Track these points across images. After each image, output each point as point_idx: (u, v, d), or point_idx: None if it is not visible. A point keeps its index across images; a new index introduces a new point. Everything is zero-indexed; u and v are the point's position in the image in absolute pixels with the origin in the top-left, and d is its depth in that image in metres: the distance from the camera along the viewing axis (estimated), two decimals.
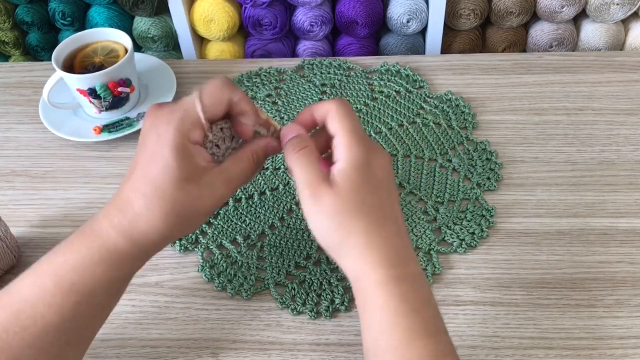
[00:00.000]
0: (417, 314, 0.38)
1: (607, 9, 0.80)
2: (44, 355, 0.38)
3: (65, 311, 0.38)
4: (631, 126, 0.68)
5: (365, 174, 0.40)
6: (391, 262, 0.39)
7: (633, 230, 0.58)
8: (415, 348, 0.37)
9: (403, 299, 0.38)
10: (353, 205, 0.39)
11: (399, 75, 0.75)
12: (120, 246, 0.39)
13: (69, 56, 0.70)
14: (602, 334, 0.50)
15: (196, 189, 0.40)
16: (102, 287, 0.40)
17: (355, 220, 0.39)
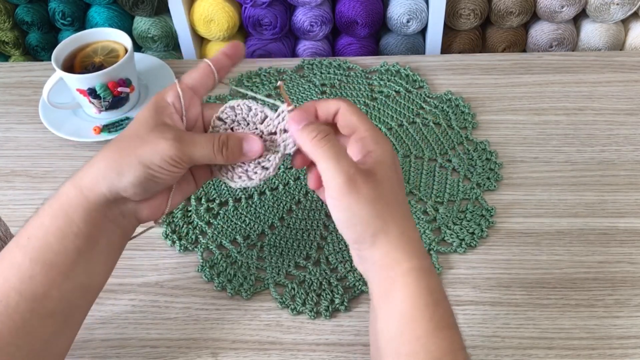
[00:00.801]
0: (440, 306, 0.39)
1: (607, 9, 0.80)
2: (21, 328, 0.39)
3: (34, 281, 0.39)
4: (631, 126, 0.68)
5: (396, 168, 0.41)
6: (421, 253, 0.40)
7: (633, 230, 0.58)
8: (437, 339, 0.38)
9: (430, 291, 0.39)
10: (391, 195, 0.40)
11: (399, 75, 0.75)
12: (67, 193, 0.41)
13: (69, 56, 0.70)
14: (602, 334, 0.50)
15: (144, 134, 0.41)
16: (54, 239, 0.40)
17: (394, 210, 0.40)
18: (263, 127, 0.44)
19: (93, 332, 0.52)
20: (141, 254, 0.58)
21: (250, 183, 0.44)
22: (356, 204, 0.39)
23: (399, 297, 0.39)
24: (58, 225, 0.40)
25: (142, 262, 0.57)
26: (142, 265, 0.57)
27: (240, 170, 0.45)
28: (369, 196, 0.39)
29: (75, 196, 0.41)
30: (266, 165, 0.44)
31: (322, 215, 0.60)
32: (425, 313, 0.38)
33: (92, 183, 0.40)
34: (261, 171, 0.44)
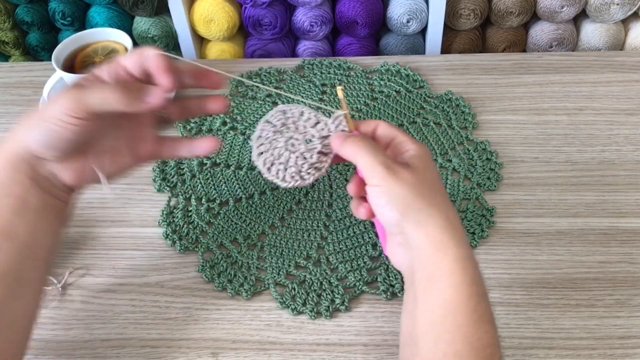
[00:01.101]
0: (483, 299, 0.40)
1: (607, 9, 0.80)
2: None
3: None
4: (631, 126, 0.68)
5: (433, 164, 0.45)
6: (466, 242, 0.41)
7: (633, 230, 0.58)
8: (478, 331, 0.38)
9: (475, 282, 0.40)
10: (431, 182, 0.42)
11: (399, 75, 0.75)
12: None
13: (69, 56, 0.70)
14: (602, 333, 0.50)
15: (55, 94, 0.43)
16: None
17: (436, 195, 0.42)
18: (315, 131, 0.47)
19: (93, 332, 0.52)
20: (141, 254, 0.58)
21: (302, 183, 0.47)
22: (398, 186, 0.41)
23: (445, 284, 0.39)
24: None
25: (143, 262, 0.57)
26: (142, 265, 0.57)
27: (293, 170, 0.47)
28: (410, 180, 0.41)
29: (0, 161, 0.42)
30: (319, 167, 0.47)
31: (322, 215, 0.60)
32: (470, 303, 0.39)
33: (10, 146, 0.43)
34: (315, 172, 0.47)
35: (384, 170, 0.41)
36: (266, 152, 0.48)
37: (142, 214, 0.62)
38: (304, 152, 0.47)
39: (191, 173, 0.65)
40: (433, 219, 0.41)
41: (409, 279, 0.42)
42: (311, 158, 0.47)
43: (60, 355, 0.51)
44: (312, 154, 0.47)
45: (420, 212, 0.41)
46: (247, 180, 0.64)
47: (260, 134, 0.48)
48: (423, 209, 0.41)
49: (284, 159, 0.47)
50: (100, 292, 0.55)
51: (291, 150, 0.47)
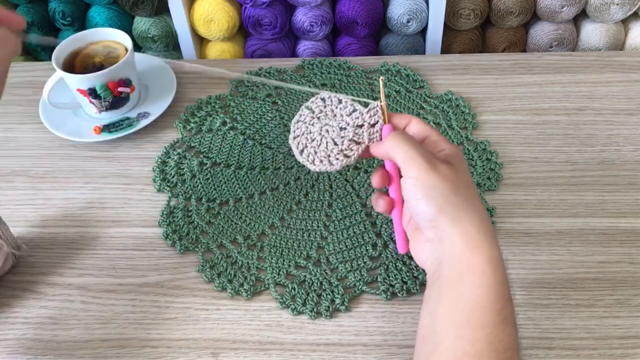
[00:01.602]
0: (509, 302, 0.40)
1: (607, 9, 0.80)
2: None
3: None
4: (631, 126, 0.68)
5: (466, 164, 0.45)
6: (497, 243, 0.41)
7: (633, 230, 0.58)
8: (502, 333, 0.38)
9: (503, 284, 0.40)
10: (468, 182, 0.43)
11: (399, 76, 0.75)
12: None
13: (69, 56, 0.70)
14: (602, 334, 0.50)
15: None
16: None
17: (473, 195, 0.42)
18: (350, 119, 0.48)
19: (93, 332, 0.52)
20: (141, 254, 0.58)
21: (330, 168, 0.48)
22: (438, 180, 0.41)
23: (475, 283, 0.39)
24: None
25: (143, 262, 0.57)
26: (142, 265, 0.57)
27: (323, 154, 0.48)
28: (449, 176, 0.42)
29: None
30: (348, 154, 0.48)
31: (322, 215, 0.60)
32: (497, 305, 0.39)
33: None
34: (343, 158, 0.48)
35: (424, 163, 0.42)
36: (301, 136, 0.49)
37: (142, 214, 0.62)
38: (335, 138, 0.48)
39: (191, 173, 0.65)
40: (469, 216, 0.41)
41: (434, 274, 0.42)
42: (342, 144, 0.48)
43: (60, 355, 0.51)
44: (343, 141, 0.48)
45: (457, 208, 0.41)
46: (247, 180, 0.64)
47: (299, 118, 0.50)
48: (460, 205, 0.41)
49: (316, 143, 0.49)
50: (100, 292, 0.55)
51: (324, 136, 0.49)
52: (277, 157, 0.66)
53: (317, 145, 0.49)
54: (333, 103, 0.49)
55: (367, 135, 0.48)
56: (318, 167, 0.48)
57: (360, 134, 0.48)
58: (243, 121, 0.71)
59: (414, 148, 0.43)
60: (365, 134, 0.48)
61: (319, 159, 0.48)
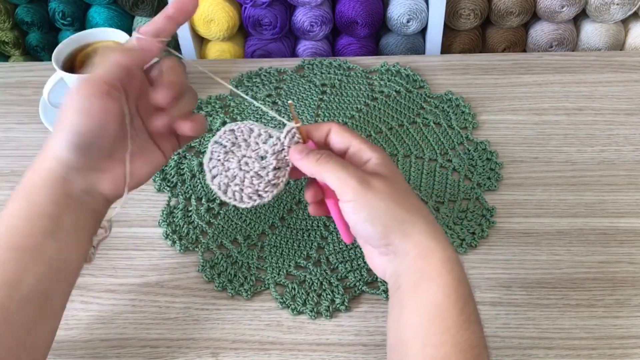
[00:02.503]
0: (470, 300, 0.40)
1: (607, 9, 0.80)
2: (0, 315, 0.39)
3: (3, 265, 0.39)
4: (631, 126, 0.68)
5: (397, 168, 0.44)
6: (448, 243, 0.41)
7: (633, 230, 0.58)
8: (466, 331, 0.38)
9: (461, 283, 0.40)
10: (405, 189, 0.42)
11: (399, 75, 0.75)
12: (28, 178, 0.41)
13: (69, 56, 0.70)
14: (602, 334, 0.50)
15: None
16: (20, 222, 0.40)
17: (413, 202, 0.41)
18: (268, 146, 0.46)
19: (93, 332, 0.52)
20: (141, 254, 0.58)
21: (261, 201, 0.46)
22: (376, 199, 0.40)
23: (433, 287, 0.39)
24: (22, 209, 0.41)
25: (143, 262, 0.57)
26: (142, 265, 0.57)
27: (250, 190, 0.46)
28: (385, 191, 0.41)
29: (34, 178, 0.41)
30: (276, 183, 0.46)
31: None
32: (457, 304, 0.39)
33: (43, 161, 0.41)
34: (272, 189, 0.46)
35: (357, 185, 0.41)
36: (220, 175, 0.46)
37: (142, 214, 0.62)
38: (258, 171, 0.46)
39: (191, 173, 0.65)
40: (417, 226, 0.41)
41: (394, 285, 0.42)
42: (267, 175, 0.46)
43: (60, 355, 0.51)
44: (267, 171, 0.45)
45: (404, 222, 0.41)
46: None
47: (211, 156, 0.47)
48: (406, 218, 0.41)
49: (239, 180, 0.46)
50: (100, 292, 0.55)
51: (245, 170, 0.46)
52: None
53: (240, 182, 0.46)
54: (244, 133, 0.46)
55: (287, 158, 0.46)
56: (249, 204, 0.46)
57: (282, 159, 0.46)
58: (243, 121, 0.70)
59: (343, 169, 0.41)
60: (286, 157, 0.46)
61: (247, 196, 0.46)
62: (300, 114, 0.72)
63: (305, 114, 0.72)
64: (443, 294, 0.39)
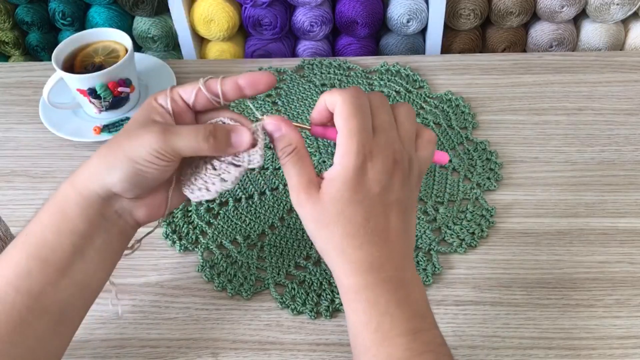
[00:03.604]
0: (387, 315, 0.39)
1: (607, 9, 0.80)
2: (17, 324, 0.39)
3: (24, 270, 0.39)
4: (631, 126, 0.68)
5: (352, 186, 0.39)
6: (363, 269, 0.39)
7: (633, 230, 0.58)
8: (386, 347, 0.38)
9: (373, 304, 0.39)
10: (331, 215, 0.40)
11: (399, 75, 0.75)
12: (63, 191, 0.41)
13: (69, 56, 0.70)
14: (602, 334, 0.50)
15: (134, 128, 0.41)
16: (51, 235, 0.40)
17: (333, 229, 0.40)
18: None
19: (93, 332, 0.52)
20: (141, 254, 0.58)
21: (208, 195, 0.44)
22: (304, 220, 0.41)
23: (347, 312, 0.40)
24: (54, 222, 0.40)
25: (142, 262, 0.57)
26: (142, 265, 0.57)
27: (201, 182, 0.44)
28: (310, 215, 0.40)
29: (70, 194, 0.41)
30: (225, 177, 0.43)
31: None
32: (368, 326, 0.39)
33: (85, 180, 0.41)
34: (219, 183, 0.43)
35: (295, 200, 0.41)
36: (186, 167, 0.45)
37: None
38: (214, 163, 0.44)
39: None
40: (328, 253, 0.41)
41: None
42: (220, 168, 0.43)
43: None
44: (221, 164, 0.44)
45: (319, 246, 0.41)
46: (247, 180, 0.64)
47: None
48: (323, 245, 0.41)
49: (198, 170, 0.44)
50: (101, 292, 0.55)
51: (206, 161, 0.44)
52: (276, 157, 0.66)
53: (197, 173, 0.44)
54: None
55: (247, 156, 0.43)
56: (197, 196, 0.44)
57: (240, 156, 0.43)
58: None
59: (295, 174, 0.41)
60: (245, 154, 0.43)
61: (197, 187, 0.44)
62: (300, 114, 0.72)
63: (305, 114, 0.72)
64: (356, 318, 0.39)
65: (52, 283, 0.40)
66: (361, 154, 0.39)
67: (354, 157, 0.39)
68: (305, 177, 0.41)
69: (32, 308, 0.39)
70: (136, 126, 0.41)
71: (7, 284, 0.39)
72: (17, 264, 0.39)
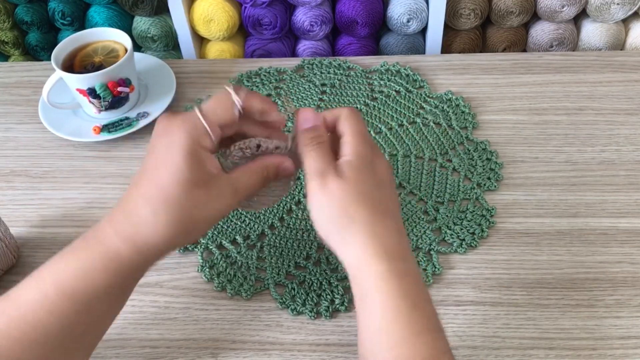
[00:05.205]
0: (417, 310, 0.38)
1: (607, 8, 0.80)
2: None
3: (65, 318, 0.38)
4: (631, 126, 0.68)
5: (370, 170, 0.42)
6: (393, 255, 0.39)
7: (633, 230, 0.58)
8: (413, 345, 0.37)
9: (404, 295, 0.38)
10: (359, 193, 0.40)
11: (399, 75, 0.75)
12: (122, 252, 0.39)
13: (68, 56, 0.70)
14: (602, 334, 0.50)
15: (204, 195, 0.40)
16: (102, 294, 0.39)
17: (361, 208, 0.40)
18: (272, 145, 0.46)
19: None
20: None
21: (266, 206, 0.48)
22: (325, 203, 0.40)
23: (373, 303, 0.38)
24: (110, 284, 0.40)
25: None
26: None
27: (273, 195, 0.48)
28: (336, 194, 0.40)
29: (131, 256, 0.40)
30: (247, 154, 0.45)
31: None
32: (400, 319, 0.37)
33: (155, 244, 0.40)
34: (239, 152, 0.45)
35: (317, 184, 0.40)
36: None
37: None
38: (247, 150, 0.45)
39: None
40: (355, 236, 0.39)
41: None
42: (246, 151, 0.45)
43: None
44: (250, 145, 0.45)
45: (342, 231, 0.40)
46: None
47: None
48: (346, 227, 0.40)
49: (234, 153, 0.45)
50: None
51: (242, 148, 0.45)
52: None
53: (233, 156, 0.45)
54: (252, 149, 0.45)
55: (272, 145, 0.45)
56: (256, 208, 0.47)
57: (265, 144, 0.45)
58: None
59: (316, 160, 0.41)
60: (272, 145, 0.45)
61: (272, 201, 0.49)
62: None
63: None
64: (382, 310, 0.38)
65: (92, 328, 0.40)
66: (370, 146, 0.43)
67: (366, 147, 0.42)
68: (329, 163, 0.42)
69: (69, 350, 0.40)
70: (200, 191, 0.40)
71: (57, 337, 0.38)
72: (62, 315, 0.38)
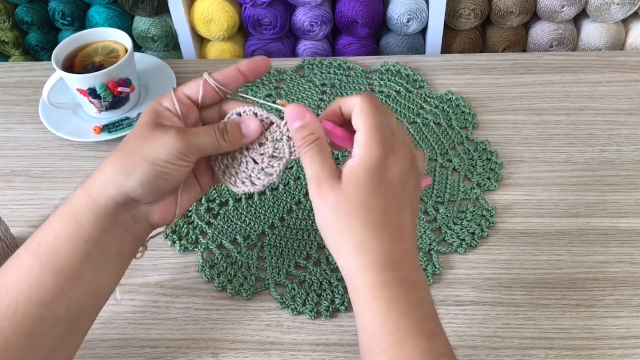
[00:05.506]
0: (406, 316, 0.38)
1: (607, 8, 0.80)
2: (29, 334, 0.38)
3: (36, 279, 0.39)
4: (631, 126, 0.68)
5: (375, 176, 0.39)
6: (381, 265, 0.39)
7: (633, 230, 0.58)
8: (404, 349, 0.37)
9: (392, 303, 0.38)
10: (353, 204, 0.39)
11: (399, 75, 0.75)
12: (77, 198, 0.41)
13: (68, 56, 0.70)
14: (602, 334, 0.50)
15: (148, 133, 0.41)
16: (64, 244, 0.40)
17: (353, 219, 0.39)
18: (269, 133, 0.45)
19: (93, 332, 0.52)
20: None
21: (253, 188, 0.45)
22: (322, 210, 0.40)
23: (360, 311, 0.39)
24: (67, 231, 0.40)
25: (142, 262, 0.57)
26: (142, 265, 0.57)
27: (244, 175, 0.45)
28: (331, 203, 0.39)
29: (85, 201, 0.41)
30: (270, 172, 0.44)
31: None
32: (388, 326, 0.38)
33: (101, 187, 0.40)
34: (264, 177, 0.44)
35: (314, 191, 0.40)
36: (222, 156, 0.45)
37: None
38: (255, 156, 0.44)
39: None
40: (345, 246, 0.39)
41: None
42: (262, 162, 0.44)
43: None
44: (263, 158, 0.44)
45: (334, 238, 0.40)
46: None
47: None
48: (336, 235, 0.40)
49: (237, 163, 0.45)
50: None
51: (244, 154, 0.45)
52: None
53: (237, 165, 0.45)
54: (249, 117, 0.45)
55: (288, 148, 0.44)
56: (241, 189, 0.45)
57: (280, 148, 0.44)
58: None
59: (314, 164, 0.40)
60: (285, 147, 0.44)
61: (241, 180, 0.45)
62: None
63: None
64: (371, 318, 0.38)
65: (64, 292, 0.40)
66: (384, 147, 0.39)
67: (378, 148, 0.39)
68: (327, 167, 0.40)
69: (44, 317, 0.39)
70: (148, 130, 0.41)
71: (19, 293, 0.39)
72: (29, 273, 0.39)
